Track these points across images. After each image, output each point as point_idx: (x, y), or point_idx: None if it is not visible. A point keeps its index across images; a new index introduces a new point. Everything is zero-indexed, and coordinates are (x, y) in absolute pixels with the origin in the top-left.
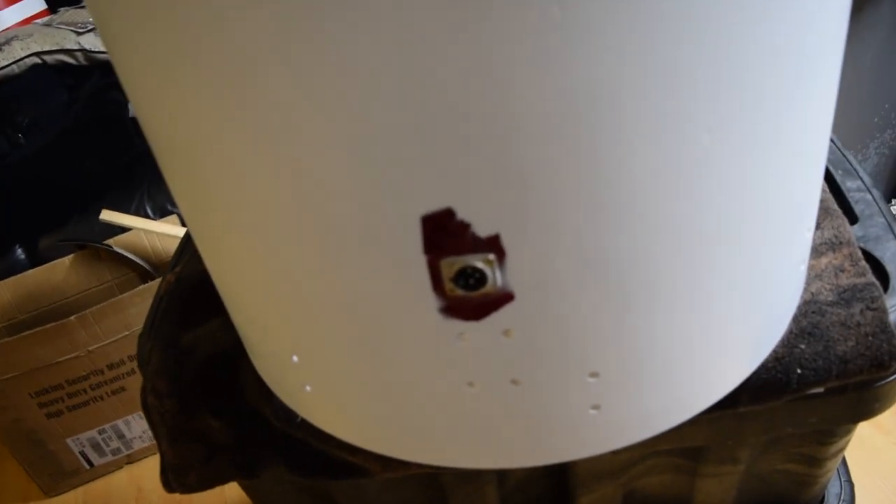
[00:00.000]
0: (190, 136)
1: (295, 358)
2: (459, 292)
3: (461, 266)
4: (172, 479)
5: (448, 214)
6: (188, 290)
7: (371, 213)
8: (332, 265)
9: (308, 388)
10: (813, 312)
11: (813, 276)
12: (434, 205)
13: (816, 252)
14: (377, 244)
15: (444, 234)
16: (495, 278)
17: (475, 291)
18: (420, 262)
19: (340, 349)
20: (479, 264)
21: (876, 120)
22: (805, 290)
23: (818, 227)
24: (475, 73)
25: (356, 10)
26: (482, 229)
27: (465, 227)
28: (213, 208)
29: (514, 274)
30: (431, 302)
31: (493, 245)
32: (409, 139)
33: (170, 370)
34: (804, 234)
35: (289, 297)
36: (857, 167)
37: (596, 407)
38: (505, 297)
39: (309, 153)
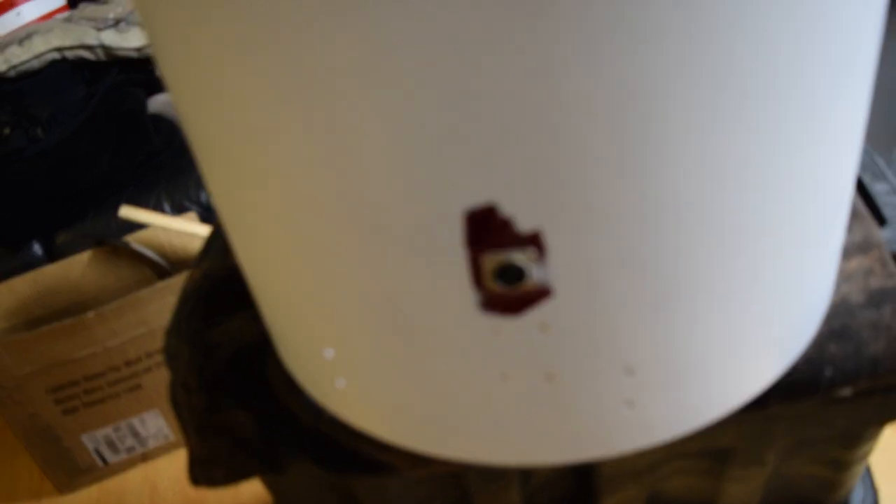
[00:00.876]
0: (233, 127)
1: (328, 352)
2: (499, 287)
3: (502, 261)
4: (199, 473)
5: (491, 210)
6: (215, 285)
7: (414, 207)
8: (373, 258)
9: (340, 382)
10: (843, 314)
11: (842, 278)
12: (477, 200)
13: (846, 254)
14: (419, 238)
15: (486, 229)
16: (535, 274)
17: (515, 286)
18: (461, 256)
19: (377, 342)
20: (520, 260)
21: None
22: (835, 291)
23: (847, 229)
24: (521, 71)
25: (404, 9)
26: (524, 225)
27: (507, 222)
28: (251, 199)
29: (553, 270)
30: (471, 296)
31: (535, 241)
32: (454, 135)
33: (199, 365)
34: (837, 236)
35: (327, 289)
36: (886, 170)
37: (630, 403)
38: (544, 293)
39: (354, 146)
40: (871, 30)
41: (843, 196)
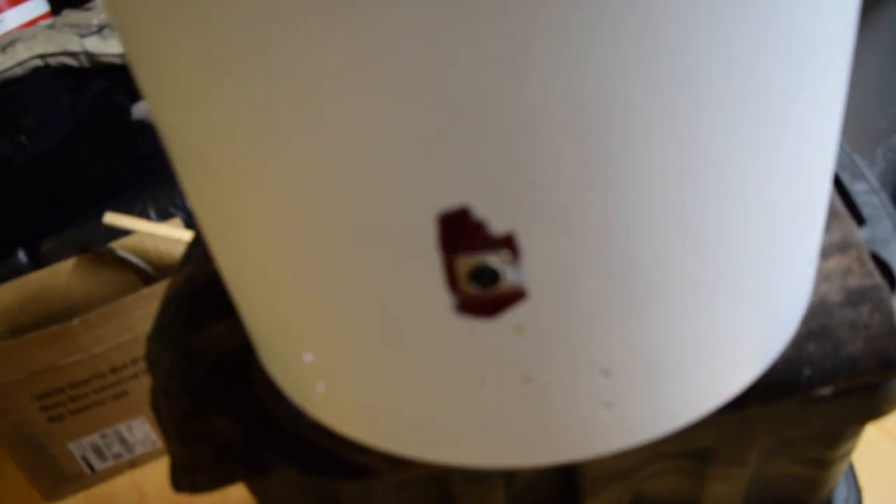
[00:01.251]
0: (207, 130)
1: (306, 356)
2: (473, 290)
3: (476, 264)
4: (182, 479)
5: (464, 213)
6: (197, 291)
7: (387, 211)
8: (347, 262)
9: (319, 387)
10: (821, 314)
11: (821, 278)
12: (450, 203)
13: (824, 254)
14: (393, 242)
15: (459, 232)
16: (510, 276)
17: (489, 289)
18: (435, 259)
19: (353, 346)
20: (494, 262)
21: (883, 124)
22: (814, 291)
23: (826, 229)
24: (490, 73)
25: (373, 10)
26: (497, 227)
27: (480, 225)
28: (226, 203)
29: (528, 272)
30: (445, 299)
31: (508, 243)
32: (425, 138)
33: (180, 371)
34: (814, 235)
35: (303, 293)
36: (865, 170)
37: (607, 405)
38: (518, 295)
39: (327, 150)
40: (841, 28)
41: (821, 196)
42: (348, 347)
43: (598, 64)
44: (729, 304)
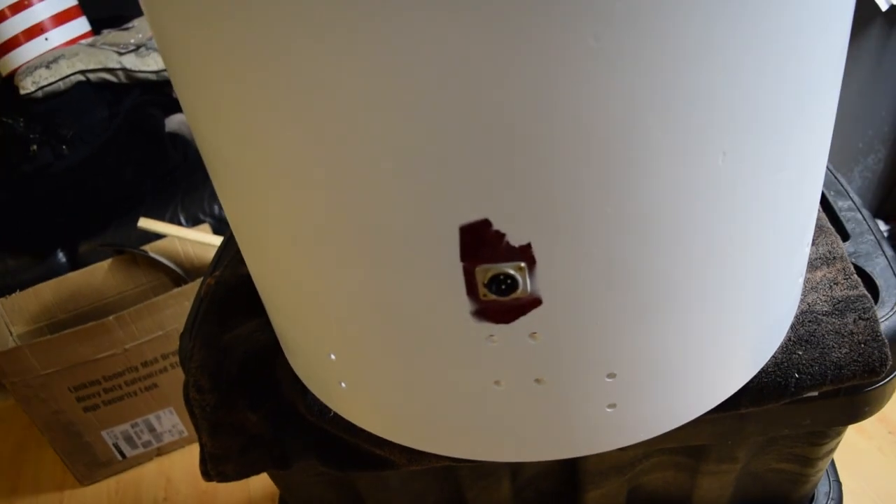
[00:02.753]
0: (244, 143)
1: (332, 356)
2: (492, 297)
3: (495, 272)
4: (211, 468)
5: (485, 225)
6: (227, 292)
7: (413, 223)
8: (373, 270)
9: (343, 384)
10: (809, 322)
11: (809, 288)
12: (472, 216)
13: (812, 266)
14: (417, 251)
15: (480, 242)
16: (525, 284)
17: (506, 296)
18: (456, 268)
19: (377, 348)
20: (512, 271)
21: (860, 145)
22: (802, 300)
23: (813, 243)
24: (513, 96)
25: (406, 37)
26: (515, 239)
27: (500, 236)
28: (262, 213)
29: (542, 281)
30: (465, 306)
31: (525, 254)
32: (450, 155)
33: (211, 367)
34: (803, 249)
35: (328, 299)
36: (848, 188)
37: (612, 405)
38: (533, 302)
39: (357, 164)
40: (834, 64)
41: (809, 213)
42: (370, 349)
43: (614, 91)
44: (727, 313)
